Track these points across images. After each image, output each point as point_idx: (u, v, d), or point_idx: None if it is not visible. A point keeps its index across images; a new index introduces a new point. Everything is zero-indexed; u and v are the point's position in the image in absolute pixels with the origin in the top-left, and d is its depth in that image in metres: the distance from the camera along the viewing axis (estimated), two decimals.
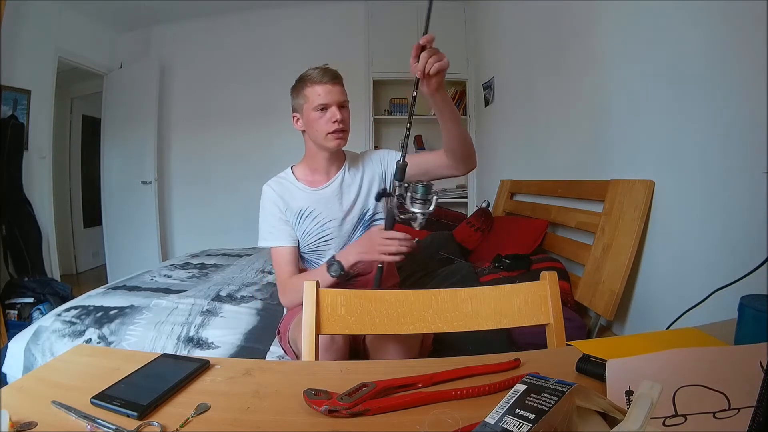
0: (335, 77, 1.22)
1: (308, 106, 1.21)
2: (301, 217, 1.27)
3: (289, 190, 1.28)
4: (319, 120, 1.21)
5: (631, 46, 1.59)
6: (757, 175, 1.01)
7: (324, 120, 1.20)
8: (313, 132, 1.23)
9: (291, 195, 1.28)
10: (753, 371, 0.48)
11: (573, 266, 1.87)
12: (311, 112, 1.21)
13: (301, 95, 1.23)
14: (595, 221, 1.67)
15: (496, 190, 3.05)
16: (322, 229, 1.28)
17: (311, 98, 1.20)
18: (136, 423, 0.51)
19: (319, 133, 1.22)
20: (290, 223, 1.27)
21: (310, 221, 1.26)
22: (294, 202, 1.27)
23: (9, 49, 2.72)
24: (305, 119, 1.24)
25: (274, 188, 1.28)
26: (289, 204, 1.27)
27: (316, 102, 1.20)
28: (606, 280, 1.53)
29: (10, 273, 2.84)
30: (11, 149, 2.87)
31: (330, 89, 1.20)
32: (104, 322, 1.53)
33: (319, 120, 1.21)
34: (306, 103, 1.22)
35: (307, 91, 1.21)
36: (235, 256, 2.61)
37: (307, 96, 1.21)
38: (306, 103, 1.22)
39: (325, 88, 1.19)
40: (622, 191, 1.57)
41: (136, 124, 3.85)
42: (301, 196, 1.28)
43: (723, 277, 0.81)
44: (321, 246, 1.29)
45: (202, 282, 2.02)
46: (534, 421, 0.40)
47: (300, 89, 1.23)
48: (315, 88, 1.20)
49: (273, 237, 1.26)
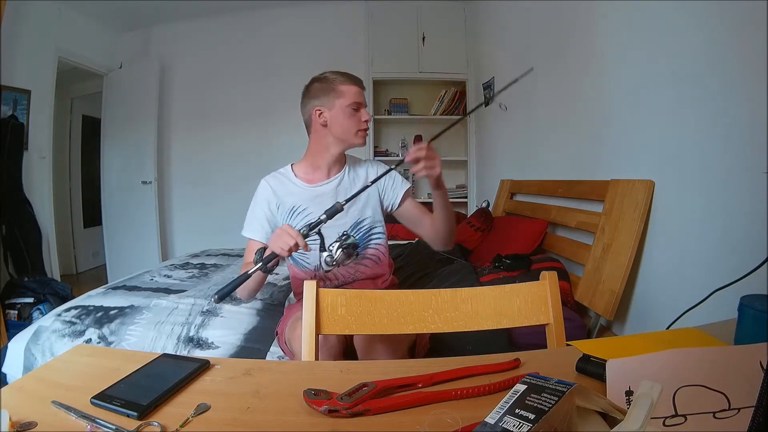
0: (361, 81, 1.32)
1: (342, 102, 1.26)
2: (293, 214, 1.28)
3: (285, 186, 1.31)
4: (351, 117, 1.27)
5: (631, 46, 1.59)
6: (757, 175, 1.01)
7: (356, 118, 1.27)
8: (340, 127, 1.27)
9: (286, 191, 1.30)
10: (753, 371, 0.48)
11: (573, 266, 1.87)
12: (344, 109, 1.26)
13: (334, 91, 1.27)
14: (595, 221, 1.67)
15: (496, 190, 3.05)
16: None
17: (348, 95, 1.26)
18: (136, 423, 0.51)
19: (348, 129, 1.27)
20: (277, 221, 1.29)
21: (300, 219, 1.27)
22: (288, 198, 1.29)
23: (9, 49, 2.72)
24: (333, 114, 1.27)
25: (270, 184, 1.31)
26: (283, 200, 1.29)
27: (352, 99, 1.26)
28: (606, 280, 1.53)
29: (10, 273, 2.84)
30: (11, 149, 2.87)
31: (360, 91, 1.29)
32: (104, 322, 1.53)
33: (352, 117, 1.27)
34: (339, 99, 1.26)
35: (343, 88, 1.27)
36: (235, 256, 2.61)
37: (343, 93, 1.26)
38: (340, 99, 1.26)
39: (356, 90, 1.28)
40: (622, 191, 1.57)
41: (136, 124, 3.84)
42: (297, 193, 1.30)
43: (723, 277, 0.80)
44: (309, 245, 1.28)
45: (202, 282, 2.02)
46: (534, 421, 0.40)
47: (331, 86, 1.27)
48: (351, 87, 1.27)
49: (251, 229, 1.30)
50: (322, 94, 1.28)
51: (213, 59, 4.01)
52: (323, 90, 1.28)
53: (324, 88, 1.28)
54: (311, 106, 1.29)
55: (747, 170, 1.08)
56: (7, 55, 2.68)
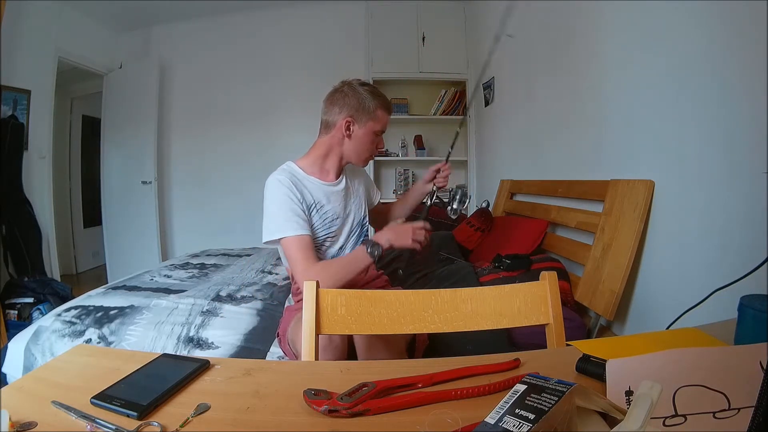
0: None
1: (373, 125, 1.30)
2: (312, 210, 1.27)
3: (301, 182, 1.28)
4: (371, 143, 1.32)
5: (632, 46, 1.59)
6: (757, 175, 1.01)
7: (374, 144, 1.33)
8: (360, 146, 1.32)
9: (304, 186, 1.28)
10: (753, 371, 0.48)
11: (573, 266, 1.87)
12: (371, 133, 1.30)
13: (373, 113, 1.29)
14: (595, 221, 1.67)
15: (496, 190, 3.05)
16: (329, 225, 1.30)
17: (381, 122, 1.31)
18: (136, 423, 0.51)
19: (363, 151, 1.33)
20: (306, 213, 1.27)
21: (319, 216, 1.28)
22: (307, 194, 1.27)
23: (9, 49, 2.72)
24: (359, 133, 1.30)
25: (288, 178, 1.24)
26: (303, 195, 1.25)
27: (379, 128, 1.31)
28: (606, 280, 1.52)
29: (10, 273, 2.84)
30: (11, 149, 2.87)
31: (388, 121, 1.34)
32: (104, 322, 1.53)
33: (372, 143, 1.32)
34: (372, 122, 1.29)
35: (380, 114, 1.30)
36: (235, 256, 2.61)
37: (379, 118, 1.30)
38: (372, 122, 1.29)
39: (388, 119, 1.33)
40: (622, 191, 1.57)
41: (136, 124, 3.85)
42: (314, 189, 1.29)
43: (723, 277, 0.80)
44: (325, 241, 1.32)
45: (202, 282, 2.02)
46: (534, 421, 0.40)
47: (375, 107, 1.29)
48: (386, 116, 1.32)
49: (291, 227, 1.19)
50: (360, 110, 1.28)
51: (213, 59, 4.01)
52: (362, 108, 1.28)
53: (363, 106, 1.28)
54: (344, 114, 1.28)
55: (747, 170, 1.08)
56: (7, 55, 2.68)
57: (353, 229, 1.38)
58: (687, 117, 1.31)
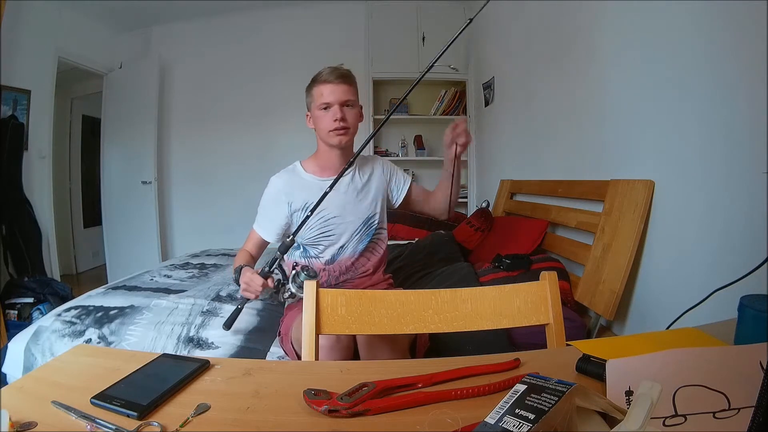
0: (342, 76, 1.27)
1: (314, 104, 1.29)
2: (306, 209, 1.29)
3: (297, 182, 1.34)
4: (322, 118, 1.28)
5: (631, 46, 1.59)
6: (757, 175, 1.01)
7: (327, 118, 1.27)
8: (318, 129, 1.31)
9: (299, 186, 1.33)
10: (753, 371, 0.48)
11: (573, 266, 1.87)
12: (316, 111, 1.29)
13: (309, 94, 1.31)
14: (595, 221, 1.67)
15: (496, 190, 3.04)
16: (325, 224, 1.31)
17: (316, 97, 1.28)
18: (136, 423, 0.51)
19: (322, 130, 1.29)
20: (291, 218, 1.32)
21: (314, 215, 1.28)
22: (300, 194, 1.31)
23: (9, 49, 2.72)
24: (313, 117, 1.32)
25: (282, 179, 1.35)
26: (295, 195, 1.31)
27: (319, 101, 1.27)
28: (606, 280, 1.52)
29: (10, 273, 2.84)
30: (11, 149, 2.87)
31: (334, 88, 1.26)
32: (104, 322, 1.53)
33: (323, 118, 1.28)
34: (313, 102, 1.30)
35: (314, 90, 1.29)
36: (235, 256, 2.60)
37: (314, 95, 1.29)
38: (313, 102, 1.30)
39: (329, 88, 1.26)
40: (622, 191, 1.57)
41: (136, 124, 3.84)
42: (308, 187, 1.32)
43: (723, 277, 0.80)
44: (321, 240, 1.33)
45: (202, 282, 2.01)
46: (534, 421, 0.40)
47: (310, 89, 1.31)
48: (320, 88, 1.27)
49: (261, 225, 1.38)
50: (307, 98, 1.33)
51: (213, 59, 4.01)
52: (307, 93, 1.33)
53: (308, 91, 1.32)
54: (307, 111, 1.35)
55: (747, 170, 1.08)
56: (7, 55, 2.68)
57: (357, 229, 1.35)
58: (687, 117, 1.31)
